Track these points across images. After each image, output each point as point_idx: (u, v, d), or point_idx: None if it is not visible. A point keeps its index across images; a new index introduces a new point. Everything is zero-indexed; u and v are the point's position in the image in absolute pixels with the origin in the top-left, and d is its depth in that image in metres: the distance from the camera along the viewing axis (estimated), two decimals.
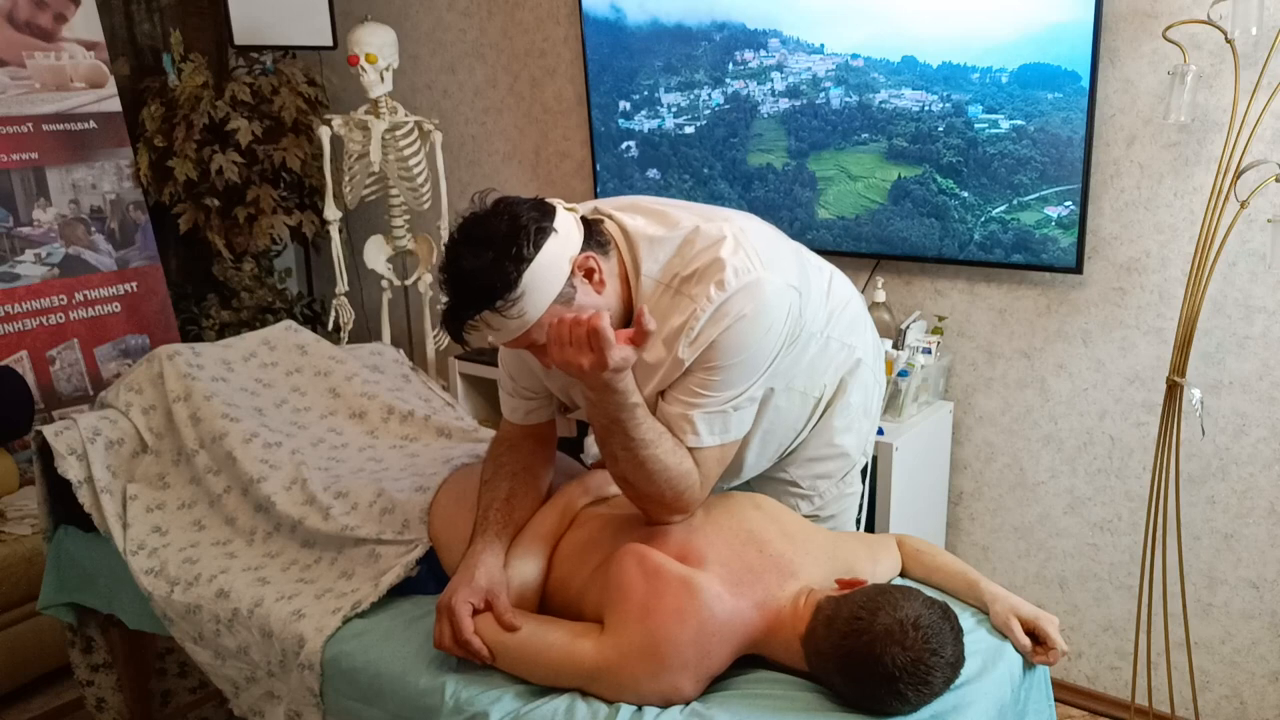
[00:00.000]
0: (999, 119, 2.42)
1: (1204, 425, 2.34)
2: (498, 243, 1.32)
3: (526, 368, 1.64)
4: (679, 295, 1.42)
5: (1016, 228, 2.46)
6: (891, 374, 2.44)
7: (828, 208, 2.73)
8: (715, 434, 1.46)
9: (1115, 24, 2.27)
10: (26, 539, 2.68)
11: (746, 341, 1.42)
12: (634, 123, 3.01)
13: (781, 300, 1.44)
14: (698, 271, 1.41)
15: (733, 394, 1.45)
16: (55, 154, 3.25)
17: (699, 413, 1.44)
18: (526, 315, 1.34)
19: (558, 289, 1.35)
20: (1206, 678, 2.48)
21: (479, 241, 1.33)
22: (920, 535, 1.72)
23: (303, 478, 1.91)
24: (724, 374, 1.43)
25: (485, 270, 1.31)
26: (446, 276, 1.36)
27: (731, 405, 1.46)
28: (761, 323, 1.42)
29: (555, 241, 1.35)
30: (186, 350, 2.14)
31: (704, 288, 1.40)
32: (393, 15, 3.52)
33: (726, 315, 1.39)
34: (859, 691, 1.32)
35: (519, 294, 1.32)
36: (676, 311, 1.42)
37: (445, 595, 1.51)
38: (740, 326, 1.40)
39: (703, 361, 1.42)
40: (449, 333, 1.38)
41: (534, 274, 1.33)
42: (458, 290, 1.34)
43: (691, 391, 1.44)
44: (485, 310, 1.33)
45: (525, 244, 1.32)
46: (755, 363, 1.45)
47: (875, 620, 1.30)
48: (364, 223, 3.70)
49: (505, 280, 1.31)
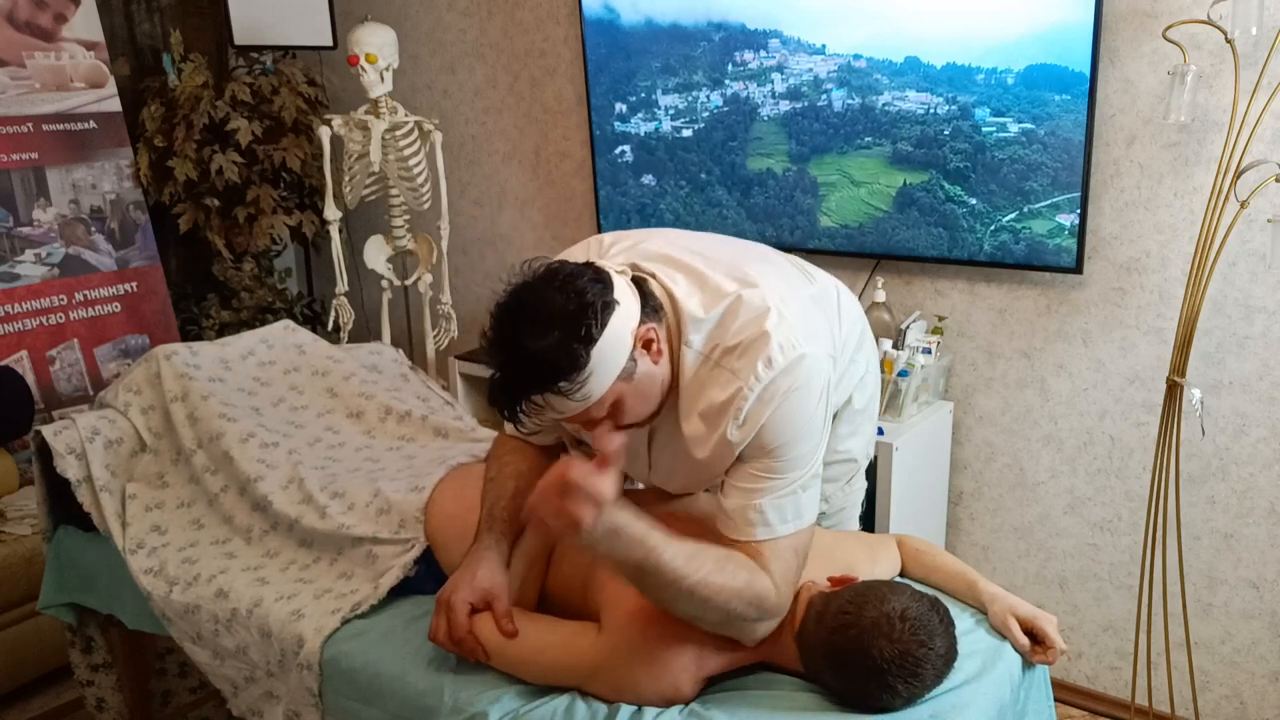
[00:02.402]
0: (1007, 122, 2.38)
1: (1204, 425, 2.34)
2: (564, 322, 1.24)
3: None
4: (719, 368, 1.36)
5: (1028, 237, 2.41)
6: (891, 374, 2.44)
7: (830, 215, 2.69)
8: (788, 521, 1.37)
9: (1115, 24, 2.27)
10: (26, 539, 2.68)
11: (798, 417, 1.35)
12: (630, 125, 2.97)
13: (823, 372, 1.38)
14: (741, 345, 1.35)
15: (796, 474, 1.37)
16: (55, 154, 3.25)
17: (766, 499, 1.36)
18: (590, 396, 1.28)
19: (621, 365, 1.29)
20: (1206, 678, 2.48)
21: (542, 320, 1.25)
22: (920, 535, 1.72)
23: (299, 477, 1.91)
24: (782, 454, 1.36)
25: (552, 351, 1.23)
26: (502, 354, 1.28)
27: (799, 485, 1.37)
28: (810, 397, 1.36)
29: (619, 316, 1.29)
30: (184, 350, 2.14)
31: (749, 363, 1.33)
32: (393, 15, 3.52)
33: (775, 394, 1.33)
34: (849, 686, 1.33)
35: (587, 375, 1.25)
36: (717, 385, 1.35)
37: (446, 590, 1.51)
38: (789, 404, 1.33)
39: (757, 445, 1.35)
40: (502, 410, 1.30)
41: (600, 352, 1.26)
42: (519, 370, 1.26)
43: (752, 478, 1.37)
44: (547, 391, 1.26)
45: (594, 323, 1.25)
46: (811, 437, 1.37)
47: (862, 614, 1.31)
48: (364, 223, 3.70)
49: (574, 362, 1.24)
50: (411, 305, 3.61)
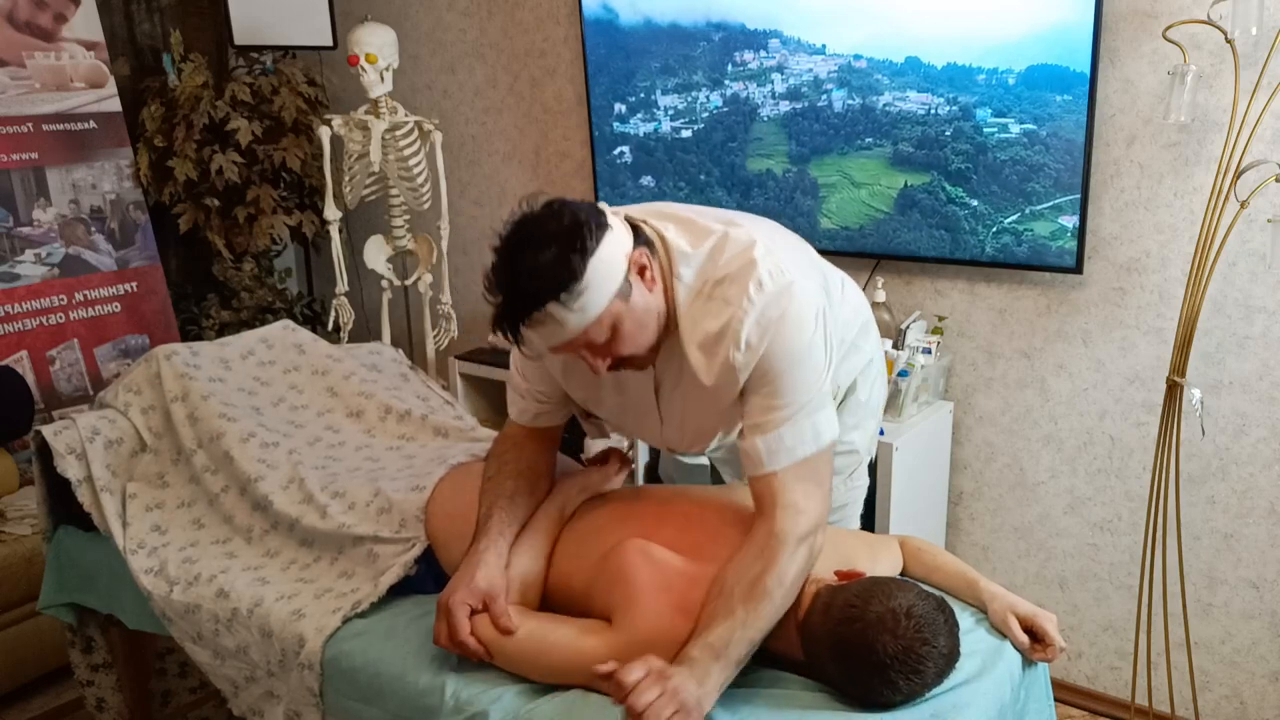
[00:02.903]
0: (1008, 122, 2.37)
1: (1204, 425, 2.34)
2: (561, 237, 1.31)
3: (543, 370, 1.63)
4: (711, 300, 1.41)
5: (1031, 239, 2.41)
6: (891, 374, 2.44)
7: (831, 216, 2.68)
8: (805, 442, 1.41)
9: (1115, 24, 2.27)
10: (26, 539, 2.68)
11: (797, 342, 1.40)
12: (629, 126, 2.96)
13: (815, 299, 1.44)
14: (730, 275, 1.40)
15: (804, 398, 1.41)
16: (55, 154, 3.25)
17: (784, 427, 1.40)
18: (589, 310, 1.33)
19: (618, 284, 1.35)
20: (1206, 678, 2.48)
21: (539, 239, 1.32)
22: (920, 535, 1.72)
23: (300, 477, 1.91)
24: (786, 380, 1.40)
25: (551, 264, 1.30)
26: (503, 275, 1.33)
27: (812, 408, 1.42)
28: (806, 321, 1.41)
29: (612, 237, 1.35)
30: (184, 350, 2.14)
31: (739, 289, 1.39)
32: (393, 15, 3.52)
33: (769, 319, 1.38)
34: (851, 679, 1.34)
35: (584, 286, 1.31)
36: (711, 315, 1.41)
37: (445, 593, 1.51)
38: (786, 328, 1.39)
39: (761, 374, 1.40)
40: (507, 333, 1.36)
41: (596, 267, 1.32)
42: (520, 286, 1.32)
43: (763, 410, 1.42)
44: (551, 303, 1.31)
45: (589, 236, 1.32)
46: (813, 361, 1.42)
47: (869, 608, 1.31)
48: (364, 223, 3.70)
49: (571, 272, 1.30)
50: (411, 305, 3.61)
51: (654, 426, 1.61)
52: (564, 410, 1.69)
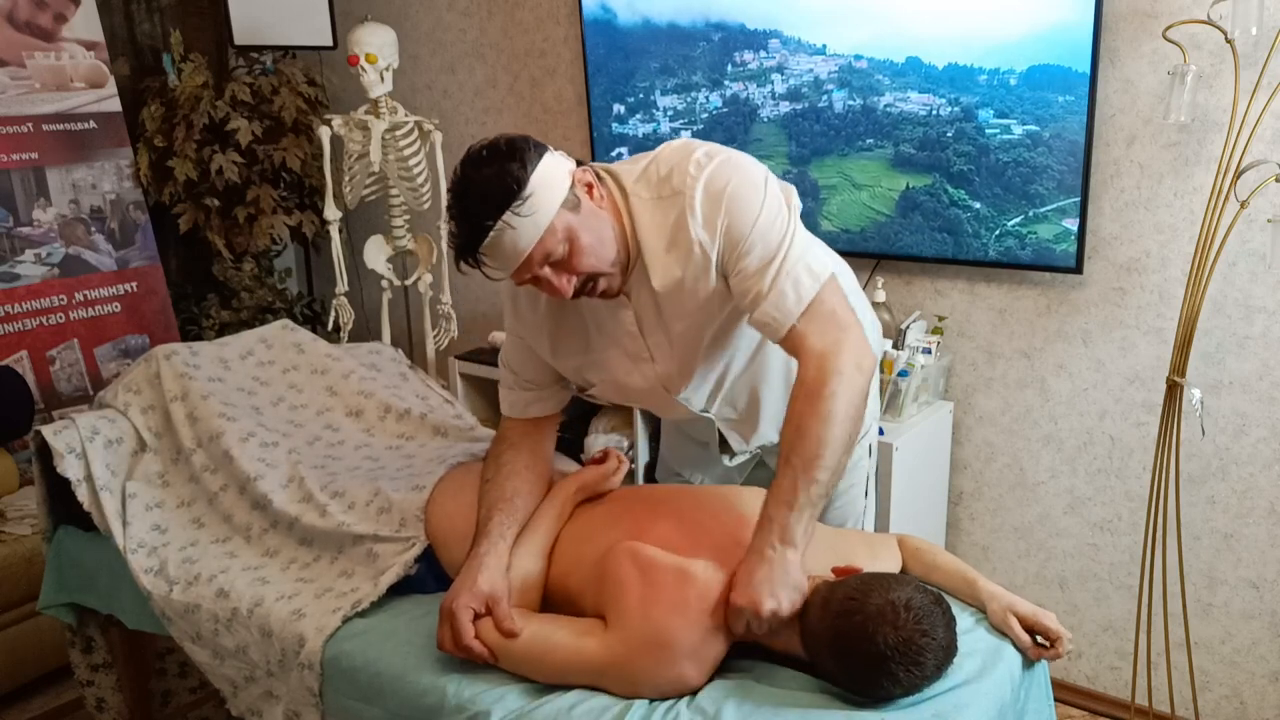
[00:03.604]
0: (1010, 123, 2.36)
1: (1204, 425, 2.34)
2: (500, 155, 1.39)
3: (531, 357, 1.65)
4: (663, 199, 1.48)
5: (1034, 242, 2.40)
6: (891, 374, 2.44)
7: (831, 219, 2.67)
8: (804, 284, 1.44)
9: (1115, 24, 2.27)
10: (26, 539, 2.68)
11: (752, 198, 1.44)
12: (628, 127, 2.95)
13: (757, 165, 1.50)
14: (673, 168, 1.47)
15: (784, 246, 1.44)
16: (55, 154, 3.25)
17: (781, 280, 1.43)
18: (538, 214, 1.38)
19: (563, 193, 1.40)
20: (1206, 678, 2.48)
21: (480, 162, 1.40)
22: (920, 535, 1.72)
23: (299, 476, 1.91)
24: (758, 238, 1.44)
25: (494, 177, 1.37)
26: (454, 201, 1.40)
27: (796, 254, 1.45)
28: (754, 179, 1.46)
29: (551, 156, 1.43)
30: (183, 349, 2.14)
31: (683, 174, 1.46)
32: (393, 15, 3.52)
33: (717, 186, 1.44)
34: (851, 671, 1.34)
35: (529, 192, 1.37)
36: (670, 208, 1.47)
37: (448, 598, 1.51)
38: (737, 191, 1.44)
39: (731, 243, 1.45)
40: (464, 256, 1.41)
41: (539, 176, 1.38)
42: (470, 204, 1.38)
43: (750, 276, 1.45)
44: (504, 214, 1.36)
45: (526, 150, 1.40)
46: (777, 212, 1.46)
47: (868, 601, 1.32)
48: (364, 223, 3.70)
49: (516, 179, 1.37)
50: (411, 305, 3.61)
51: (648, 370, 1.62)
52: (556, 397, 1.71)
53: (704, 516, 1.54)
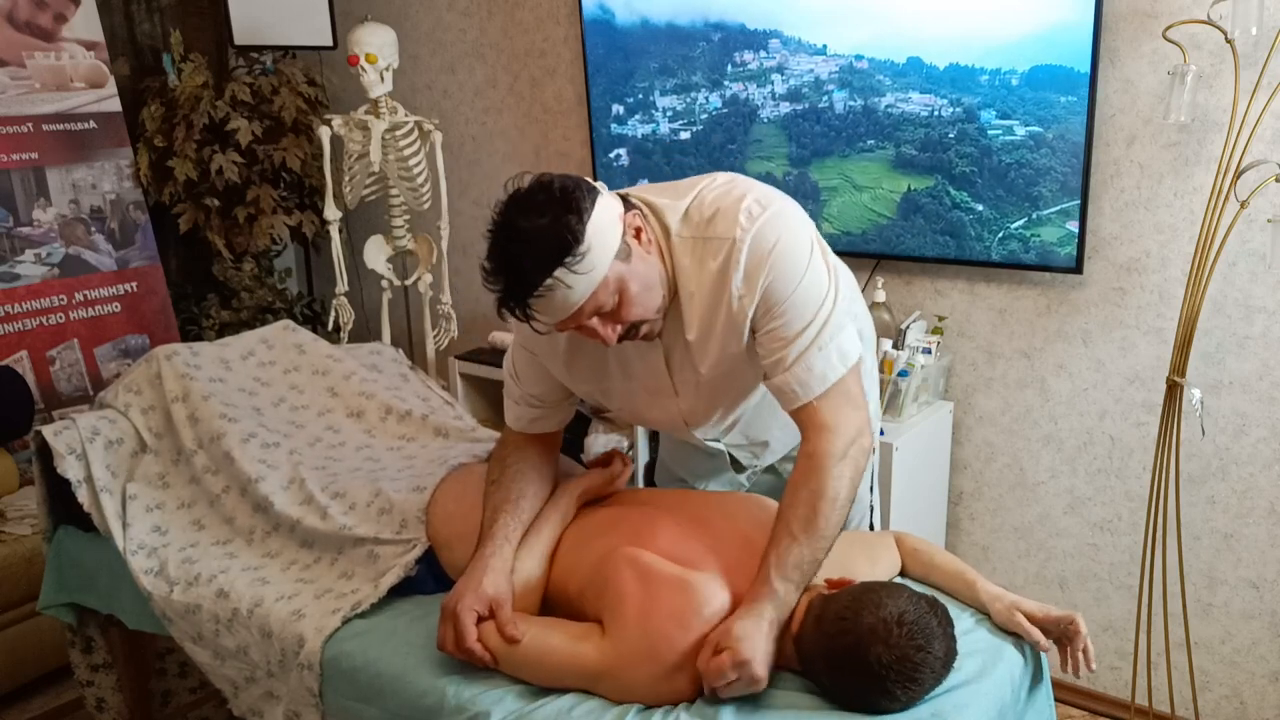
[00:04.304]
0: (1013, 124, 2.34)
1: (1204, 425, 2.34)
2: (555, 205, 1.32)
3: (542, 374, 1.62)
4: (707, 241, 1.43)
5: (1038, 245, 2.38)
6: (891, 374, 2.44)
7: (832, 221, 2.66)
8: (834, 366, 1.43)
9: (1115, 24, 2.27)
10: (26, 539, 2.68)
11: (796, 264, 1.41)
12: (627, 128, 2.93)
13: (805, 223, 1.47)
14: (719, 211, 1.43)
15: (819, 319, 1.42)
16: (55, 154, 3.25)
17: (812, 356, 1.42)
18: (595, 271, 1.33)
19: (616, 244, 1.36)
20: (1206, 678, 2.48)
21: (533, 209, 1.32)
22: (920, 535, 1.71)
23: (300, 477, 1.91)
24: (795, 305, 1.41)
25: (550, 229, 1.31)
26: (503, 252, 1.33)
27: (831, 330, 1.43)
28: (801, 243, 1.43)
29: (604, 201, 1.37)
30: (184, 350, 2.14)
31: (731, 221, 1.41)
32: (393, 15, 3.52)
33: (764, 245, 1.39)
34: (848, 690, 1.33)
35: (586, 248, 1.32)
36: (710, 255, 1.42)
37: (451, 599, 1.51)
38: (783, 253, 1.40)
39: (768, 306, 1.42)
40: (516, 311, 1.35)
41: (594, 228, 1.33)
42: (522, 259, 1.32)
43: (782, 341, 1.42)
44: (557, 269, 1.31)
45: (583, 199, 1.34)
46: (817, 280, 1.43)
47: (860, 619, 1.30)
48: (364, 223, 3.70)
49: (573, 234, 1.31)
50: (411, 305, 3.61)
51: (670, 405, 1.60)
52: (559, 415, 1.68)
53: (705, 524, 1.53)
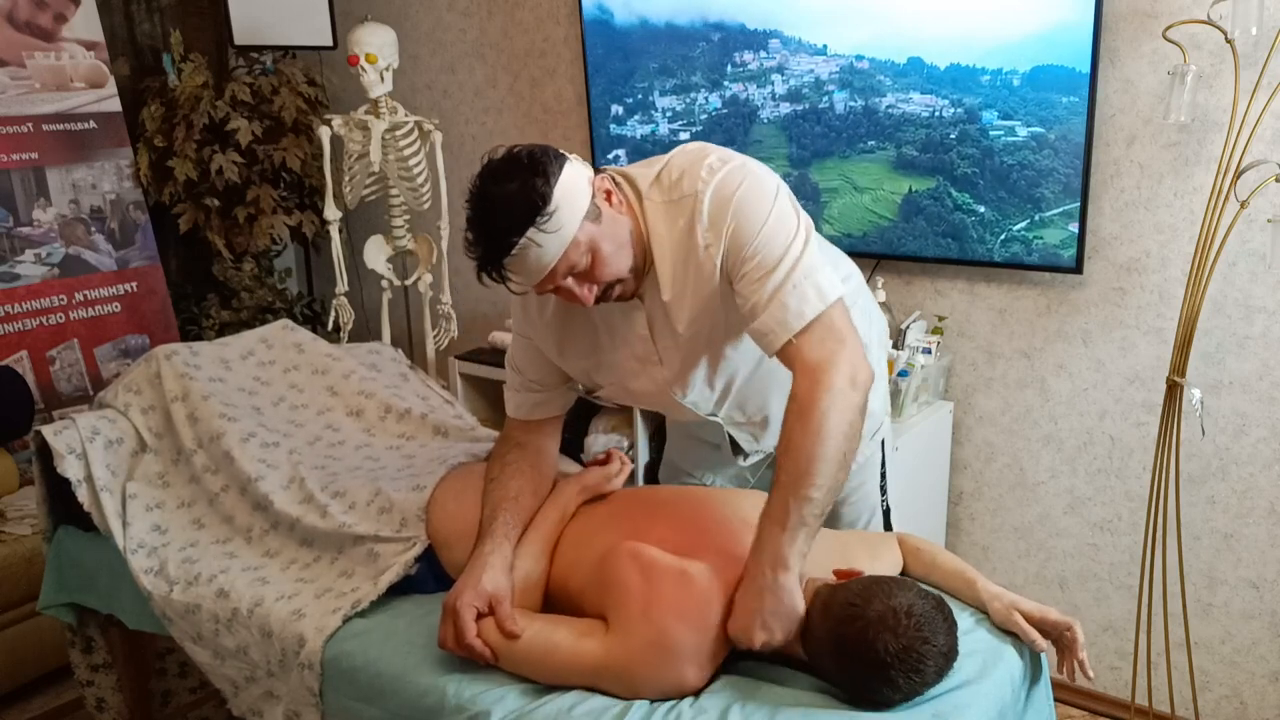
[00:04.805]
0: (1015, 125, 2.33)
1: (1204, 425, 2.34)
2: (522, 169, 1.38)
3: (538, 358, 1.65)
4: (674, 203, 1.47)
5: (1041, 248, 2.38)
6: (891, 374, 2.44)
7: (833, 223, 2.64)
8: (810, 302, 1.42)
9: (1115, 24, 2.27)
10: (26, 539, 2.68)
11: (760, 205, 1.43)
12: (626, 128, 2.93)
13: (770, 175, 1.49)
14: (684, 172, 1.48)
15: (791, 258, 1.42)
16: (55, 154, 3.25)
17: (783, 294, 1.41)
18: (564, 231, 1.37)
19: (585, 204, 1.40)
20: (1206, 678, 2.48)
21: (502, 175, 1.38)
22: (920, 535, 1.72)
23: (300, 477, 1.91)
24: (764, 245, 1.42)
25: (518, 192, 1.36)
26: (477, 217, 1.39)
27: (804, 269, 1.42)
28: (765, 187, 1.46)
29: (572, 166, 1.41)
30: (184, 350, 2.14)
31: (694, 178, 1.46)
32: (393, 15, 3.52)
33: (726, 191, 1.44)
34: (851, 678, 1.34)
35: (554, 208, 1.36)
36: (680, 213, 1.47)
37: (451, 596, 1.51)
38: (746, 196, 1.43)
39: (737, 247, 1.44)
40: (491, 273, 1.40)
41: (562, 189, 1.38)
42: (494, 220, 1.37)
43: (754, 282, 1.43)
44: (528, 229, 1.35)
45: (549, 163, 1.38)
46: (785, 221, 1.44)
47: (869, 607, 1.31)
48: (364, 223, 3.70)
49: (540, 195, 1.36)
50: (411, 305, 3.61)
51: (656, 373, 1.61)
52: (561, 399, 1.71)
53: (704, 519, 1.54)
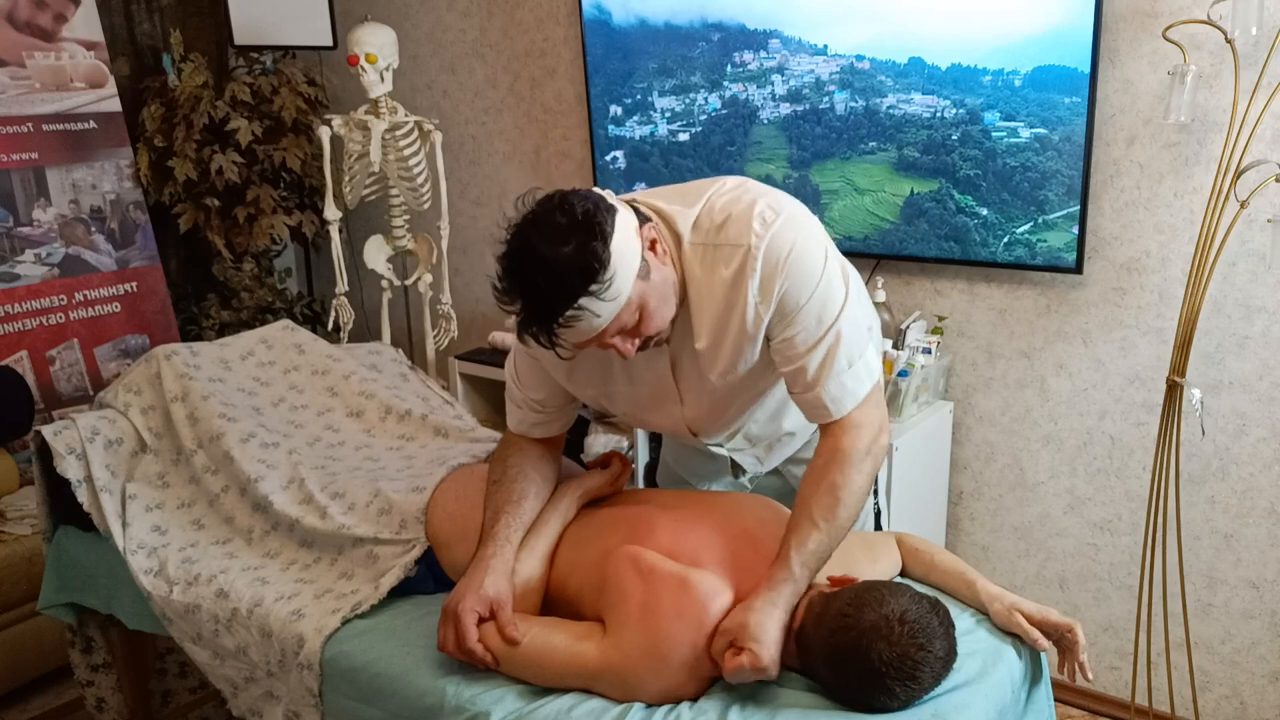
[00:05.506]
0: (1018, 126, 2.31)
1: (1204, 425, 2.34)
2: (578, 229, 1.28)
3: (544, 378, 1.61)
4: (718, 248, 1.41)
5: (1045, 251, 2.37)
6: (891, 374, 2.44)
7: (834, 225, 2.62)
8: (863, 381, 1.43)
9: (1115, 24, 2.27)
10: (26, 539, 2.68)
11: (811, 270, 1.40)
12: (625, 129, 2.91)
13: (817, 227, 1.45)
14: (731, 217, 1.41)
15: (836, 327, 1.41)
16: (55, 154, 3.25)
17: (837, 370, 1.41)
18: (620, 295, 1.31)
19: (637, 263, 1.33)
20: (1206, 678, 2.48)
21: (555, 235, 1.28)
22: (920, 535, 1.72)
23: (300, 477, 1.91)
24: (811, 311, 1.40)
25: (574, 256, 1.27)
26: (523, 278, 1.30)
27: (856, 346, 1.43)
28: (815, 249, 1.41)
29: (621, 218, 1.34)
30: (184, 350, 2.14)
31: (744, 228, 1.39)
32: (393, 15, 3.52)
33: (779, 253, 1.38)
34: (847, 687, 1.33)
35: (611, 273, 1.29)
36: (721, 262, 1.41)
37: (452, 600, 1.51)
38: (797, 259, 1.39)
39: (784, 313, 1.41)
40: (539, 338, 1.32)
41: (617, 249, 1.30)
42: (546, 286, 1.28)
43: (797, 348, 1.42)
44: (583, 297, 1.28)
45: (604, 222, 1.30)
46: (833, 287, 1.42)
47: (861, 616, 1.30)
48: (364, 223, 3.70)
49: (598, 259, 1.28)
50: (411, 305, 3.61)
51: (674, 411, 1.60)
52: (561, 420, 1.68)
53: (706, 524, 1.53)
